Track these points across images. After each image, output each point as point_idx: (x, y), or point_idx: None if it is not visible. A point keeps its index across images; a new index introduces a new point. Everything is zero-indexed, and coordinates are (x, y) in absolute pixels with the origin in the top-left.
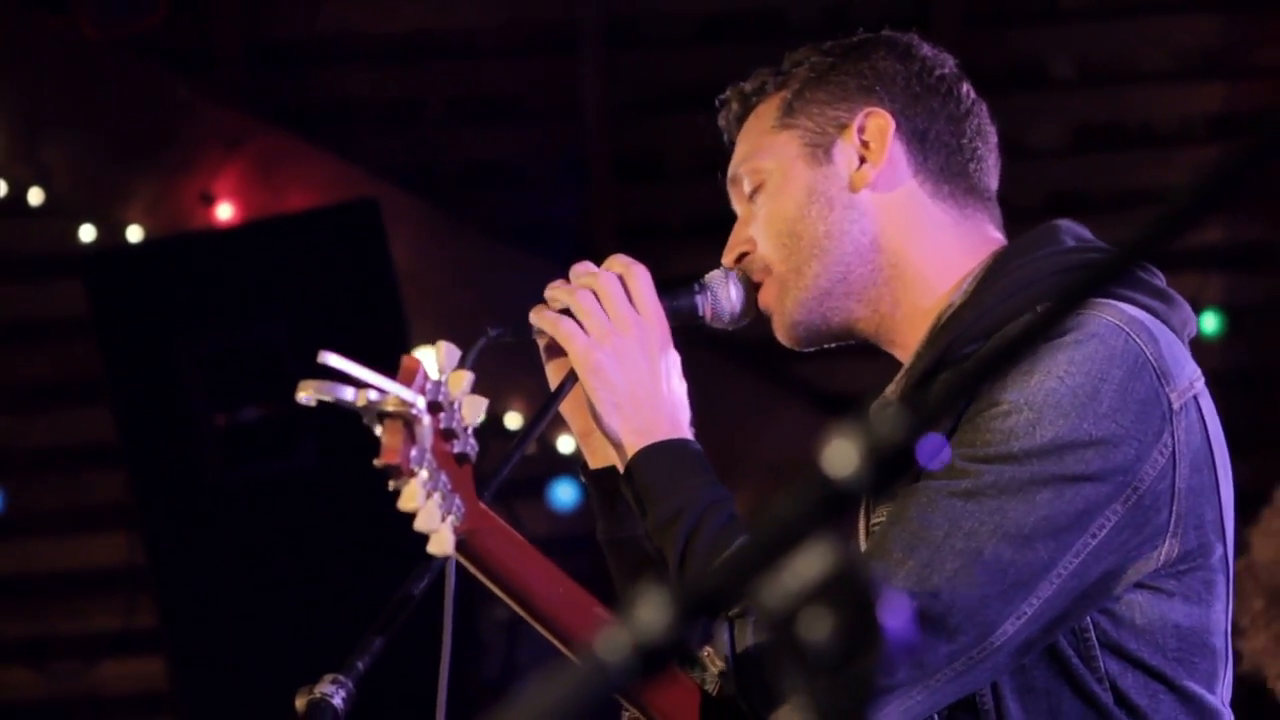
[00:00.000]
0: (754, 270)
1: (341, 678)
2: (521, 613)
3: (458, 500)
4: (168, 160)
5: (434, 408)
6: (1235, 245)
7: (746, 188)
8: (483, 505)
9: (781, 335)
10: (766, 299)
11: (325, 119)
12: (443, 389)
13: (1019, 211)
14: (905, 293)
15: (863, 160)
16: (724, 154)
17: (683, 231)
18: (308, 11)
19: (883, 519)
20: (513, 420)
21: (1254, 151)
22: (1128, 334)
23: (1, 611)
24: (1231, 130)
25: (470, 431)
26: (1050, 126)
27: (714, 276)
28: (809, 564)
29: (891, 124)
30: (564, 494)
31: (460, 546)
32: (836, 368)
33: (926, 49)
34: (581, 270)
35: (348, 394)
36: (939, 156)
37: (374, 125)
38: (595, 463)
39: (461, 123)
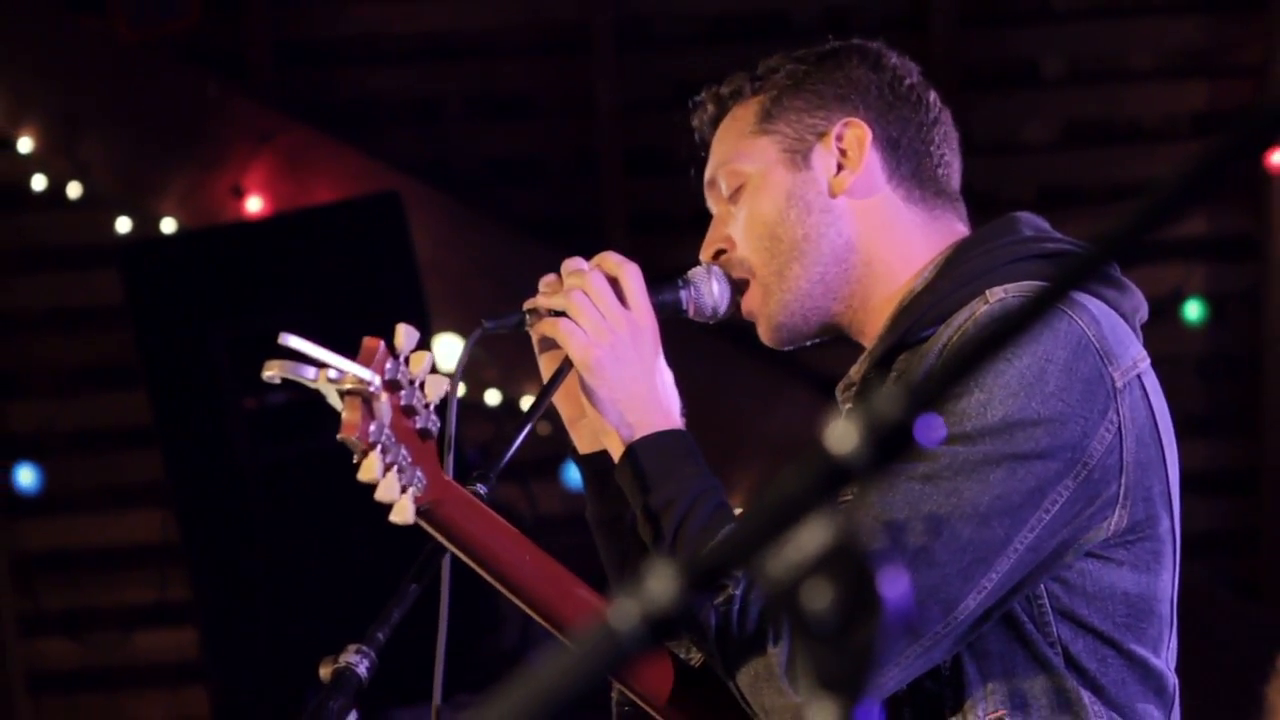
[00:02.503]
0: (732, 268)
1: (364, 648)
2: (489, 579)
3: (419, 473)
4: (200, 155)
5: (393, 385)
6: (1218, 236)
7: (725, 190)
8: (447, 477)
9: (765, 337)
10: (750, 304)
11: (350, 116)
12: (402, 368)
13: (1012, 205)
14: (875, 286)
15: (840, 167)
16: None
17: (690, 223)
18: (334, 13)
19: (848, 497)
20: (528, 403)
21: (1232, 147)
22: (1070, 316)
23: (42, 585)
24: (1215, 126)
25: (433, 408)
26: (1042, 123)
27: (697, 273)
28: (811, 537)
29: (869, 133)
30: (578, 473)
31: (425, 515)
32: (837, 353)
33: (895, 58)
34: (571, 268)
35: (309, 373)
36: (910, 162)
37: (397, 122)
38: (584, 448)
39: (480, 119)
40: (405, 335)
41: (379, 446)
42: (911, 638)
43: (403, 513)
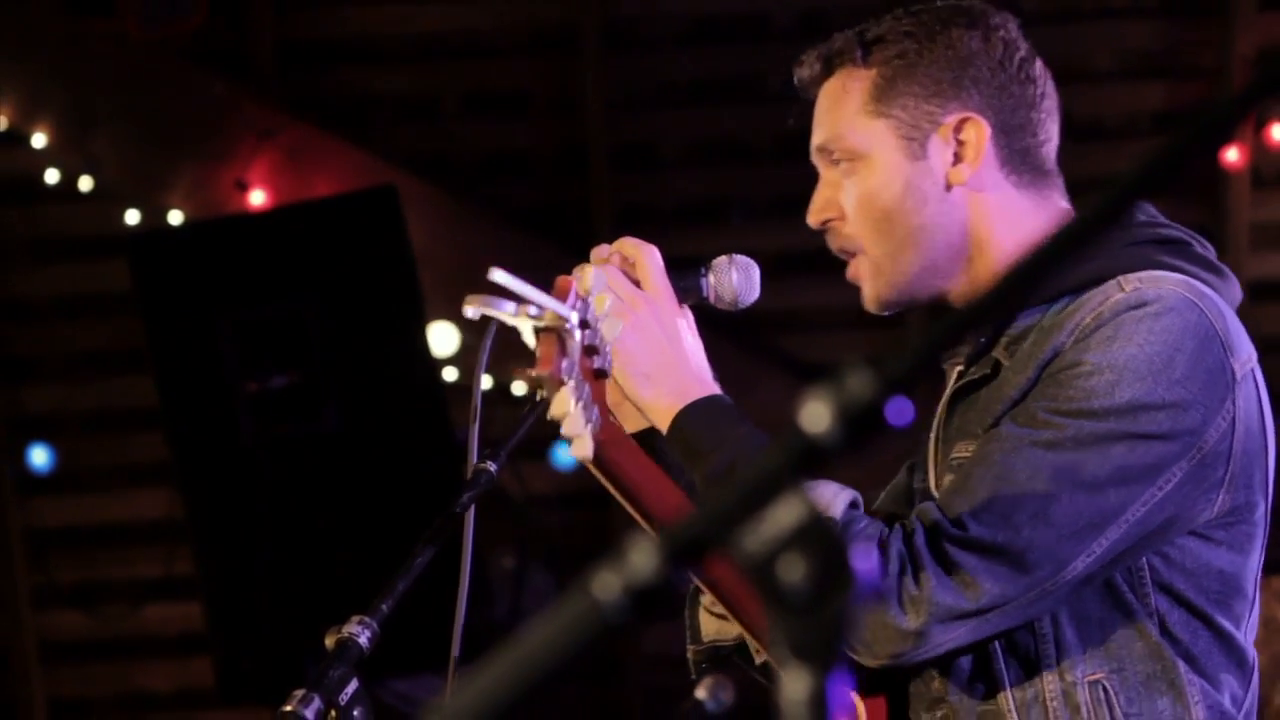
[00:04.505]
0: (839, 239)
1: (367, 619)
2: (634, 513)
3: (595, 411)
4: (205, 151)
5: (582, 324)
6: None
7: (839, 159)
8: (611, 418)
9: (869, 305)
10: (856, 273)
11: (349, 113)
12: (590, 308)
13: None
14: (987, 267)
15: (958, 158)
16: (713, 146)
17: (673, 216)
18: (334, 15)
19: (965, 455)
20: (519, 388)
21: (1190, 143)
22: (1201, 309)
23: (55, 559)
24: (1173, 125)
25: (608, 348)
26: None
27: (719, 262)
28: (786, 512)
29: (988, 130)
30: (565, 454)
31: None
32: (814, 340)
33: (1003, 30)
34: (596, 255)
35: (509, 308)
36: (1020, 144)
37: (393, 119)
38: (630, 428)
39: (473, 116)
40: (593, 277)
41: (571, 382)
42: (1001, 600)
43: (584, 447)
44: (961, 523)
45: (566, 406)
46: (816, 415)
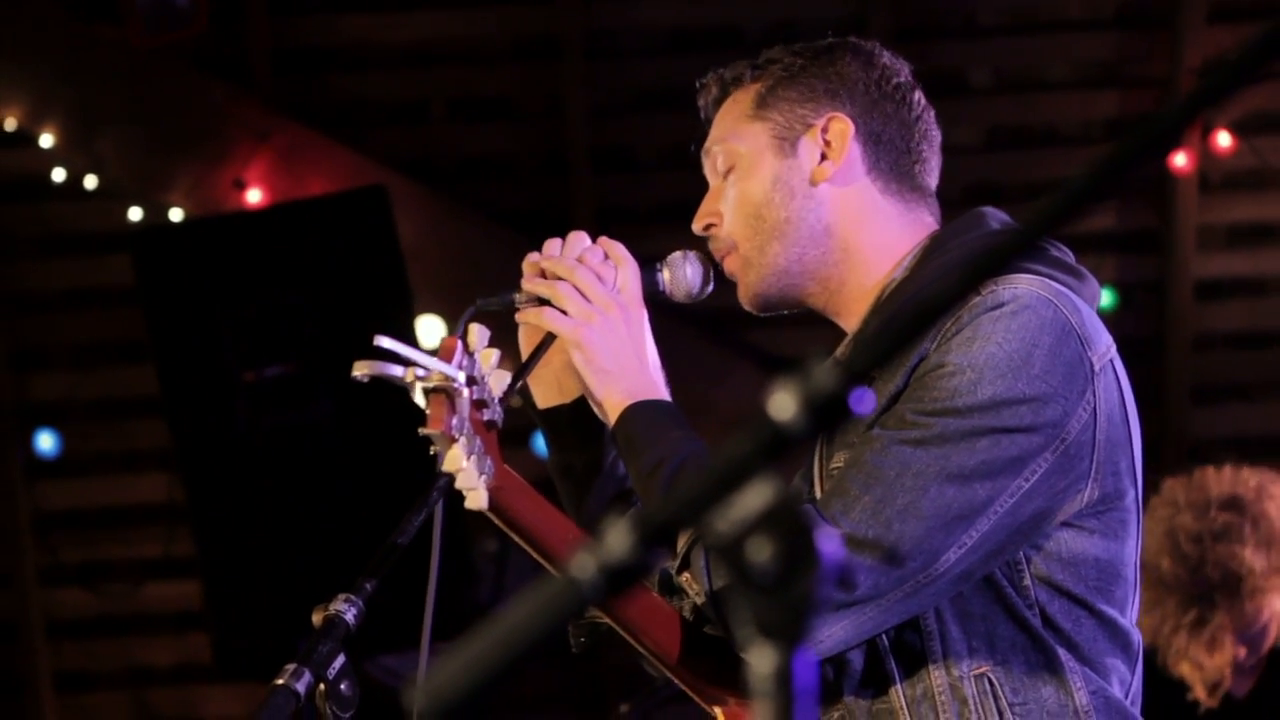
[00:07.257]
0: (719, 245)
1: (353, 597)
2: (534, 554)
3: (489, 462)
4: (205, 152)
5: (469, 381)
6: (1126, 230)
7: (720, 166)
8: (505, 466)
9: (743, 302)
10: (732, 268)
11: (341, 116)
12: (476, 364)
13: (940, 202)
14: (851, 273)
15: (824, 157)
16: (690, 148)
17: (651, 216)
18: (328, 24)
19: (840, 464)
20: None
21: (1140, 149)
22: (1056, 305)
23: (61, 541)
24: (1123, 132)
25: (497, 400)
26: (968, 128)
27: (674, 257)
28: (755, 496)
29: (851, 127)
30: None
31: (488, 501)
32: (782, 335)
33: (886, 57)
34: (573, 251)
35: (397, 371)
36: (890, 157)
37: (384, 122)
38: (541, 402)
39: (460, 120)
40: (478, 334)
41: (461, 439)
42: (873, 593)
43: (478, 499)
44: (835, 521)
45: (460, 462)
46: (783, 404)
